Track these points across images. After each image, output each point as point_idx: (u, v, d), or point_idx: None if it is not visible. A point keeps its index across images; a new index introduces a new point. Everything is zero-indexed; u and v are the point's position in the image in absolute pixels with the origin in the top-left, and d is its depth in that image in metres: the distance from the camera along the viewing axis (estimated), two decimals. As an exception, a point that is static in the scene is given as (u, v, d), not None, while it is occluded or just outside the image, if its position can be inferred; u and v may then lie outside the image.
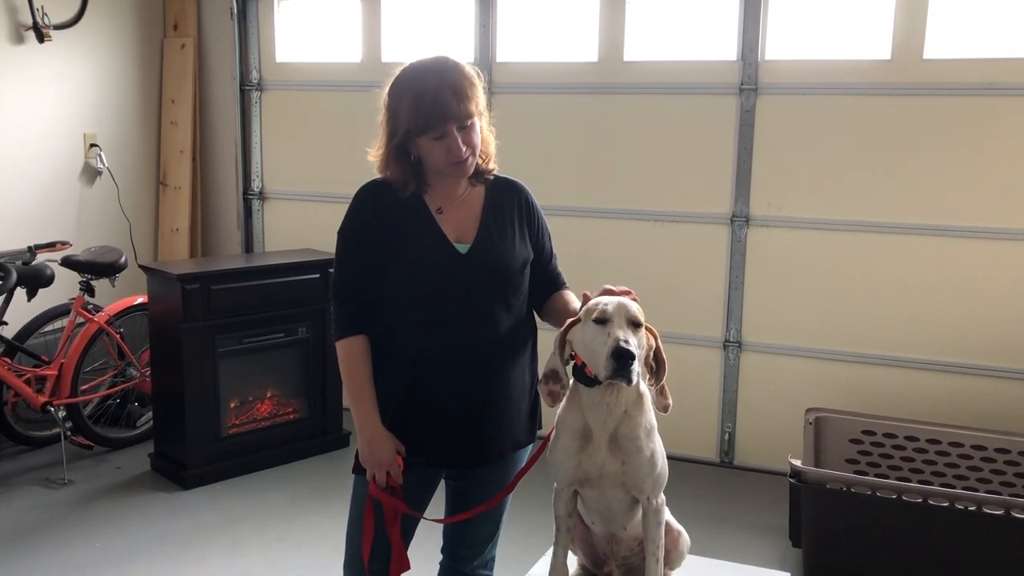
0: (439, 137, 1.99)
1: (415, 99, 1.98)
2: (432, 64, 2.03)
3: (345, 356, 2.10)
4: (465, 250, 2.07)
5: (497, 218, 2.13)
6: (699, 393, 4.52)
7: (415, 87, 1.99)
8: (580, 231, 4.58)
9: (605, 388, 1.95)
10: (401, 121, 2.00)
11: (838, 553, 3.36)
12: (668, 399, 2.01)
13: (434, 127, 1.97)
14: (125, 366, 4.57)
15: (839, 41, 4.19)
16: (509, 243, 2.12)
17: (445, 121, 1.97)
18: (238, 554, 3.58)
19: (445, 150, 2.00)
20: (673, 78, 4.43)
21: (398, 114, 2.01)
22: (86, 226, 4.93)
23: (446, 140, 1.99)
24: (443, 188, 2.11)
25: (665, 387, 2.00)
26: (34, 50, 4.59)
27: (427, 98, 1.96)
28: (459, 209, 2.11)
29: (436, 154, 2.01)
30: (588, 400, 1.99)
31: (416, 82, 2.00)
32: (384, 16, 4.96)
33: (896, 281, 4.16)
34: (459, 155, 2.00)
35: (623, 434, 1.99)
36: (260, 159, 5.35)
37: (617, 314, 1.90)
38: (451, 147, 1.99)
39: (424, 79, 1.99)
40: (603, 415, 1.98)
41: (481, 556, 2.33)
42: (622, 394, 1.97)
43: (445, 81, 1.98)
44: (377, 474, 2.09)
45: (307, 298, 4.47)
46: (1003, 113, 3.92)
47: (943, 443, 3.70)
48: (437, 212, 2.09)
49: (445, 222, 2.09)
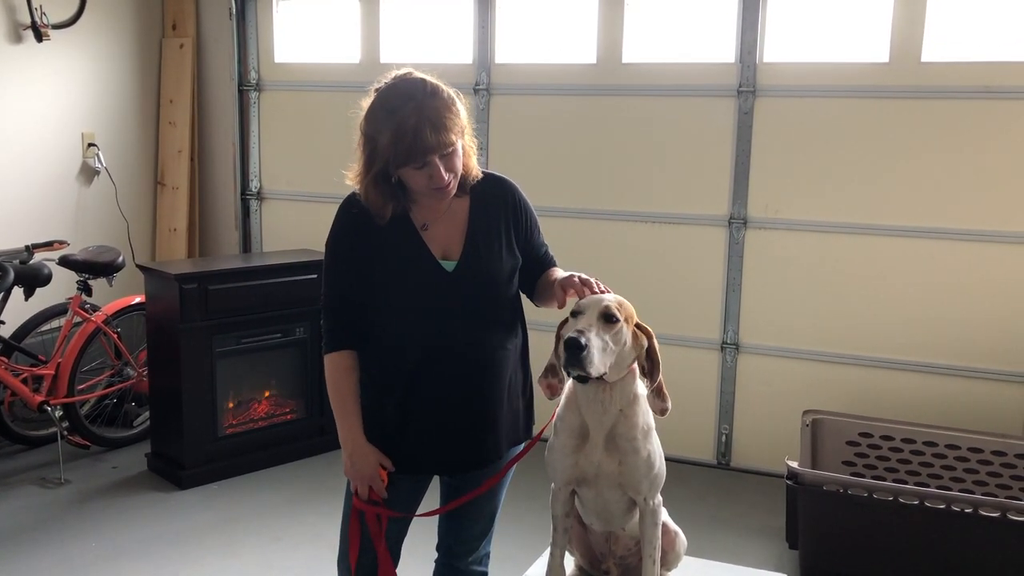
0: (420, 167, 1.96)
1: (394, 134, 1.92)
2: (408, 91, 1.95)
3: (331, 370, 2.12)
4: (452, 267, 2.08)
5: (483, 229, 2.12)
6: (696, 395, 4.52)
7: (393, 121, 1.93)
8: (578, 232, 4.58)
9: (597, 386, 1.95)
10: (380, 152, 1.97)
11: (835, 555, 3.36)
12: (666, 402, 1.98)
13: (415, 160, 1.94)
14: (122, 366, 4.57)
15: (837, 44, 4.19)
16: (496, 255, 2.11)
17: (425, 154, 1.93)
18: (235, 554, 3.58)
19: (427, 178, 1.97)
20: (671, 80, 4.43)
21: (376, 145, 1.97)
22: (84, 225, 4.93)
23: (428, 169, 1.96)
24: (427, 204, 2.09)
25: (664, 390, 1.98)
26: (32, 49, 4.59)
27: (406, 133, 1.91)
28: (444, 223, 2.10)
29: (418, 181, 1.99)
30: (583, 398, 2.00)
31: (393, 116, 1.93)
32: (383, 17, 4.96)
33: (893, 283, 4.16)
34: (441, 183, 1.98)
35: (620, 434, 1.99)
36: (258, 159, 5.34)
37: (591, 308, 1.90)
38: (433, 175, 1.97)
39: (401, 112, 1.92)
40: (598, 413, 1.98)
41: (475, 552, 2.34)
42: (615, 392, 1.97)
43: (424, 115, 1.91)
44: (360, 487, 2.11)
45: (305, 298, 4.47)
46: (1000, 116, 3.93)
47: (940, 445, 3.70)
48: (422, 228, 2.09)
49: (431, 239, 2.08)
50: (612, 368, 1.91)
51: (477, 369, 2.10)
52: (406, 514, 2.19)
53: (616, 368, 1.93)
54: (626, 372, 1.97)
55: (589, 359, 1.82)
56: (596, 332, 1.86)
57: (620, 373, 1.96)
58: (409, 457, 2.12)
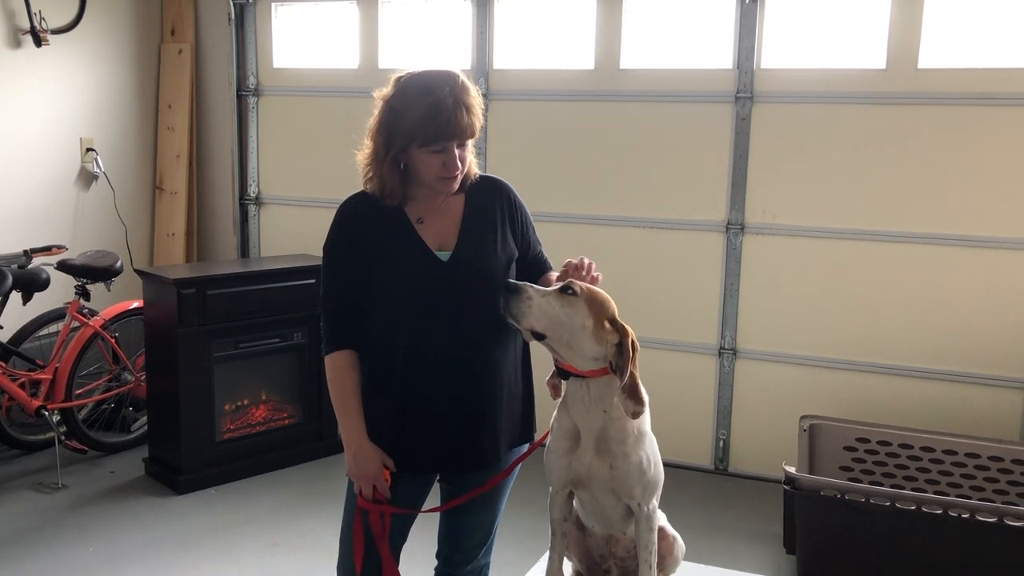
0: (439, 151, 2.00)
1: (430, 110, 1.97)
2: (444, 77, 2.03)
3: (332, 370, 2.13)
4: (447, 257, 2.10)
5: (478, 222, 2.15)
6: (694, 400, 4.52)
7: (430, 99, 1.98)
8: (575, 238, 4.58)
9: (577, 381, 1.98)
10: (405, 128, 2.00)
11: (832, 560, 3.37)
12: (639, 406, 1.93)
13: (440, 140, 1.98)
14: (120, 370, 4.56)
15: (834, 50, 4.20)
16: (490, 246, 2.13)
17: (453, 137, 1.99)
18: (232, 560, 3.58)
19: (440, 164, 2.02)
20: (669, 86, 4.44)
21: (402, 122, 2.01)
22: (82, 230, 4.93)
23: (444, 155, 2.01)
24: (424, 199, 2.12)
25: (639, 392, 1.93)
26: (31, 54, 4.59)
27: (442, 111, 1.97)
28: (440, 217, 2.13)
29: (431, 167, 2.02)
30: (570, 396, 2.03)
31: (430, 94, 1.99)
32: (381, 22, 4.96)
33: (891, 289, 4.17)
34: (453, 171, 2.03)
35: (611, 437, 1.99)
36: (256, 164, 5.35)
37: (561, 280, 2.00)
38: (447, 162, 2.01)
39: (439, 92, 1.99)
40: (583, 412, 2.00)
41: (475, 561, 2.34)
42: (592, 389, 1.97)
43: (459, 98, 1.99)
44: (363, 487, 2.11)
45: (303, 303, 4.47)
46: (997, 123, 3.94)
47: (937, 451, 3.70)
48: (418, 222, 2.11)
49: (426, 231, 2.11)
50: (566, 350, 1.95)
51: (473, 368, 2.10)
52: (410, 509, 2.19)
53: (570, 349, 1.95)
54: (597, 367, 1.96)
55: (521, 308, 1.91)
56: (548, 296, 1.94)
57: (583, 360, 1.95)
58: (407, 456, 2.13)
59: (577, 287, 1.96)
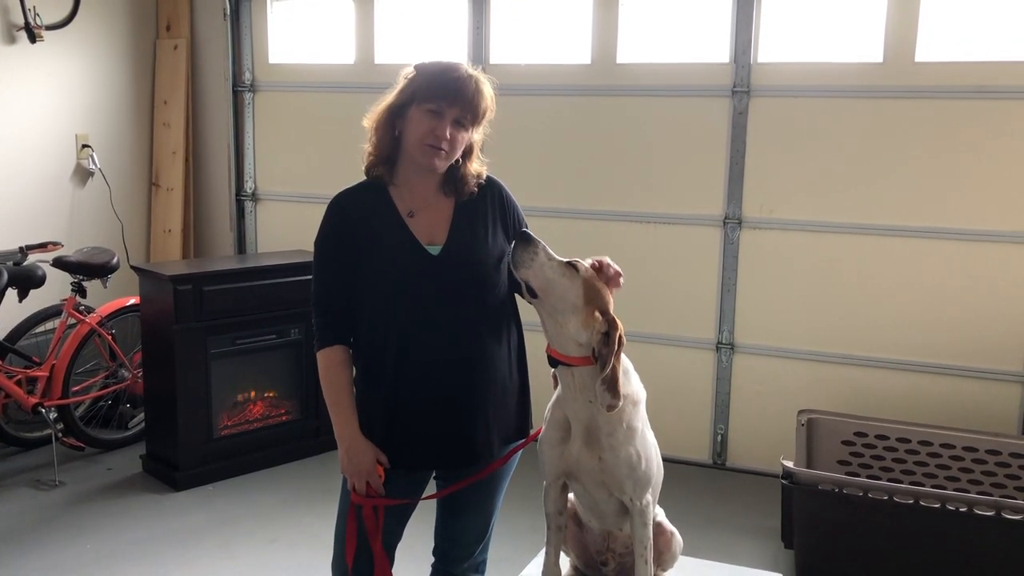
0: (434, 111, 2.02)
1: (442, 72, 2.05)
2: (472, 70, 2.10)
3: (324, 366, 2.14)
4: (437, 251, 2.10)
5: (468, 217, 2.15)
6: (692, 395, 4.52)
7: (447, 66, 2.07)
8: (572, 233, 4.57)
9: (565, 369, 1.99)
10: (412, 88, 2.06)
11: (830, 554, 3.37)
12: (615, 399, 1.91)
13: (439, 99, 2.02)
14: (117, 367, 4.56)
15: (831, 44, 4.20)
16: (481, 240, 2.13)
17: (452, 101, 2.02)
18: (229, 556, 3.57)
19: (429, 128, 2.03)
20: (666, 80, 4.43)
21: (413, 83, 2.07)
22: (78, 227, 4.92)
23: (437, 120, 2.02)
24: (412, 190, 2.13)
25: (618, 386, 1.91)
26: (26, 50, 4.58)
27: (452, 76, 2.04)
28: (430, 212, 2.13)
29: (420, 127, 2.04)
30: (561, 386, 2.03)
31: (451, 67, 2.07)
32: (377, 17, 4.95)
33: (888, 283, 4.17)
34: (439, 140, 2.03)
35: (600, 429, 1.99)
36: (253, 160, 5.34)
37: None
38: (437, 128, 2.03)
39: (459, 69, 2.07)
40: (571, 400, 2.00)
41: (471, 558, 2.33)
42: (577, 375, 1.97)
43: (473, 75, 2.07)
44: (357, 483, 2.10)
45: (299, 300, 4.45)
46: (994, 116, 3.94)
47: (935, 445, 3.70)
48: (408, 216, 2.12)
49: (416, 225, 2.11)
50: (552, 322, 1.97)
51: (464, 362, 2.10)
52: (404, 500, 2.18)
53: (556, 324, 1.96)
54: (581, 353, 1.96)
55: (524, 257, 1.95)
56: (553, 261, 1.97)
57: (567, 342, 1.96)
58: (399, 451, 2.12)
59: (581, 267, 1.98)
